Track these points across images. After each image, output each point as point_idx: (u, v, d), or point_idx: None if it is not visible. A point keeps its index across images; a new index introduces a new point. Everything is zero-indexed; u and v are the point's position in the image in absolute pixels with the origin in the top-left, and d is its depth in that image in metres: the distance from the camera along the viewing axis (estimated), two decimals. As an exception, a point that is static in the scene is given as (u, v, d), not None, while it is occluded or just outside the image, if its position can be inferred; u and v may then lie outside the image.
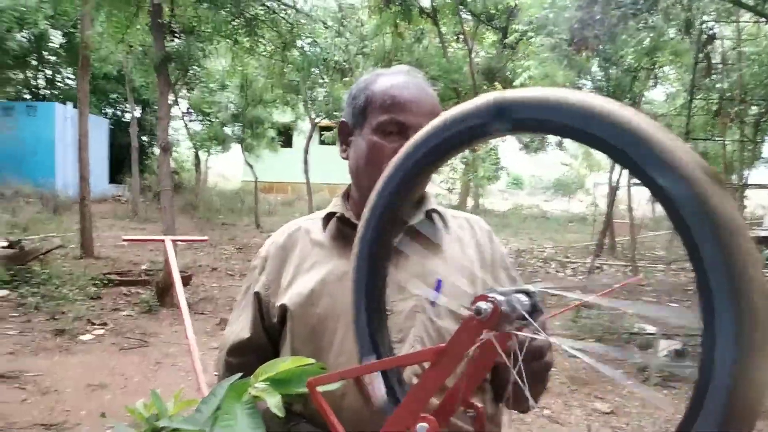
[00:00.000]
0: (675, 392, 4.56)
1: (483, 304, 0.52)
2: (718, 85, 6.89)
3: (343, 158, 1.14)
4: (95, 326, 5.55)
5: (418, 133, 0.61)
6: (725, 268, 0.40)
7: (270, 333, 1.12)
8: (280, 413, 0.71)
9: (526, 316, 0.54)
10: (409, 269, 1.05)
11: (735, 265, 0.40)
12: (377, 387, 0.65)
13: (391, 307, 0.99)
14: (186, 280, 7.36)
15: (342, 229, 1.11)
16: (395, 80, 1.08)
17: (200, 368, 3.22)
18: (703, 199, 0.41)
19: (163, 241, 3.90)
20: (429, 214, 1.11)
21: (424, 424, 0.56)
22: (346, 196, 1.16)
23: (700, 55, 6.12)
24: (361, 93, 1.10)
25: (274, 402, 0.73)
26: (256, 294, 1.13)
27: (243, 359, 1.12)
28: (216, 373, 1.20)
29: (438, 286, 1.04)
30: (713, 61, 6.47)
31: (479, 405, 0.66)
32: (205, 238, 4.16)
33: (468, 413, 0.66)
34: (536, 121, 0.50)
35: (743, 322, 0.40)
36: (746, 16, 6.66)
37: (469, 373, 0.62)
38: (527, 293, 0.56)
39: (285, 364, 0.80)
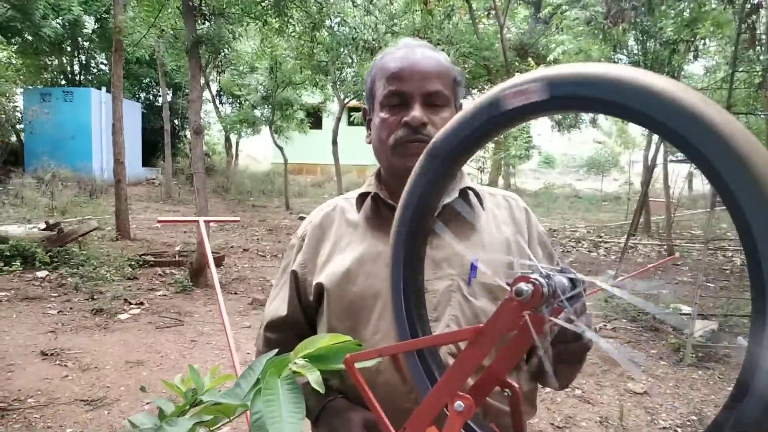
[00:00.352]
0: (710, 372, 4.47)
1: (524, 286, 0.50)
2: (762, 57, 6.60)
3: (368, 143, 1.15)
4: (132, 305, 5.70)
5: (453, 117, 0.58)
6: None
7: (306, 311, 1.14)
8: (321, 389, 0.71)
9: (580, 286, 0.53)
10: (445, 248, 1.04)
11: None
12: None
13: (425, 286, 0.99)
14: (218, 261, 7.50)
15: (376, 209, 1.11)
16: (393, 55, 1.07)
17: (234, 346, 3.28)
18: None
19: (196, 222, 3.96)
20: (464, 192, 1.09)
21: (461, 403, 0.56)
22: (379, 176, 1.15)
23: (744, 26, 5.86)
24: (369, 76, 1.12)
25: (314, 378, 0.74)
26: (293, 272, 1.14)
27: (281, 335, 1.15)
28: (253, 349, 1.23)
29: (473, 266, 1.02)
30: (757, 32, 6.19)
31: (515, 385, 0.65)
32: (237, 219, 4.21)
33: (504, 393, 0.66)
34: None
35: None
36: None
37: (507, 354, 0.61)
38: (567, 274, 0.54)
39: (323, 341, 0.81)
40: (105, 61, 18.08)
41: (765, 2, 5.90)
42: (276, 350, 0.78)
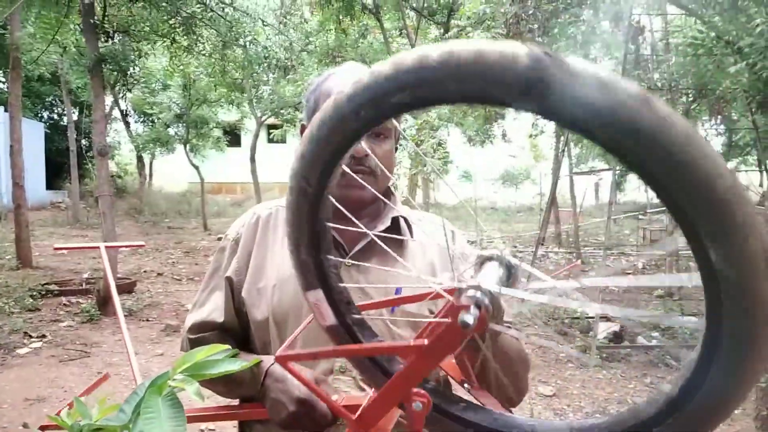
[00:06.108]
0: (613, 372, 4.75)
1: (468, 318, 0.50)
2: (648, 76, 7.14)
3: None
4: (33, 339, 5.36)
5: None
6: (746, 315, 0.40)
7: (239, 316, 1.13)
8: (200, 399, 0.73)
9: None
10: (372, 276, 1.07)
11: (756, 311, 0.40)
12: (324, 310, 0.66)
13: None
14: (130, 287, 7.19)
15: None
16: (338, 80, 1.08)
17: (140, 377, 3.16)
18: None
19: (98, 248, 3.80)
20: (395, 221, 1.12)
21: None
22: None
23: (630, 47, 6.35)
24: (312, 95, 1.12)
25: (193, 389, 0.75)
26: (228, 279, 1.13)
27: (217, 340, 1.10)
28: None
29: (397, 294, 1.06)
30: (643, 53, 6.71)
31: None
32: (142, 243, 4.03)
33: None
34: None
35: (746, 351, 0.41)
36: (672, 8, 6.94)
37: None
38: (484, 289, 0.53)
39: (200, 354, 0.83)
40: (3, 79, 16.98)
41: (647, 26, 6.42)
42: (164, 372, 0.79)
